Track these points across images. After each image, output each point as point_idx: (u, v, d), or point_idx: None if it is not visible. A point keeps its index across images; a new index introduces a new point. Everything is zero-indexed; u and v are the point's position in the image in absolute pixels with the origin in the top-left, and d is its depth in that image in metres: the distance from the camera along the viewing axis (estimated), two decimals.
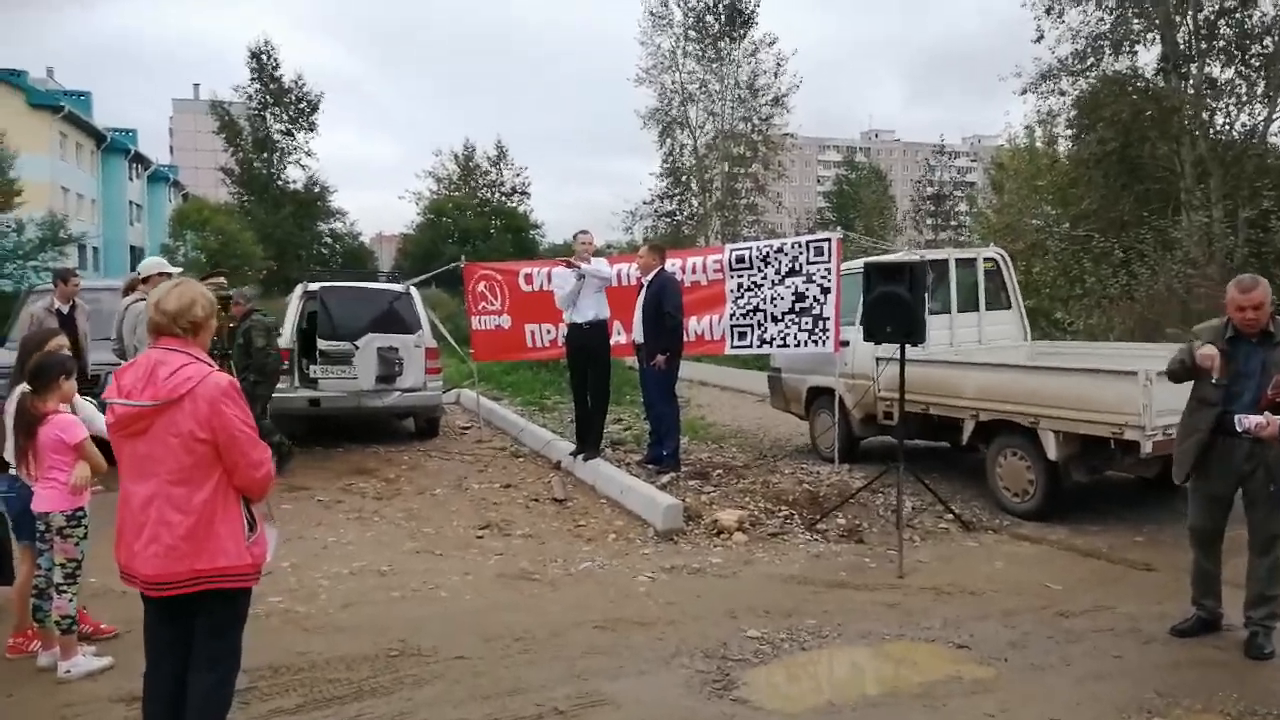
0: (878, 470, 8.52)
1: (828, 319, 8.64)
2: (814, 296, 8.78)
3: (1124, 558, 6.08)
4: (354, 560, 6.21)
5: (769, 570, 6.02)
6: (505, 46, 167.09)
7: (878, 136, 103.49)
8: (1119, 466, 6.71)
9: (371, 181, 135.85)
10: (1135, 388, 6.09)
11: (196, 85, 75.80)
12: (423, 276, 12.32)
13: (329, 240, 50.36)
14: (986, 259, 9.06)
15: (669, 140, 39.00)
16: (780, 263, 9.03)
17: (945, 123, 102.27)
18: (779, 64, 37.37)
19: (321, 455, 9.91)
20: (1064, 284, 20.12)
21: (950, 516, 7.02)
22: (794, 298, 8.90)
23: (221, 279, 9.02)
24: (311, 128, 46.02)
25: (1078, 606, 5.20)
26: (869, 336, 6.70)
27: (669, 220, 39.28)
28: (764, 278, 9.13)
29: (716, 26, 37.00)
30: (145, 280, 7.32)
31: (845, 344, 8.72)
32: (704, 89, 38.43)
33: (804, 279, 8.85)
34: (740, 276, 9.30)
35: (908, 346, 6.53)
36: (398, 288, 10.89)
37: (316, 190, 47.41)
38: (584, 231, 8.77)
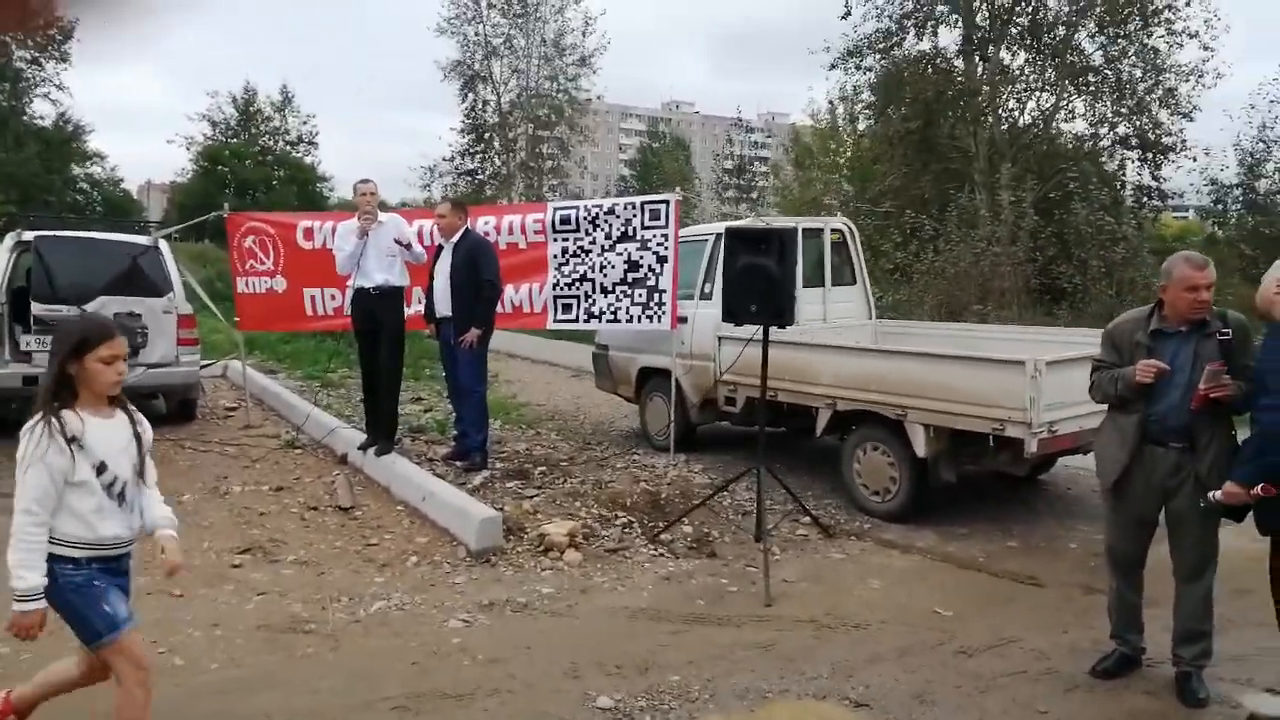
0: (717, 462, 7.68)
1: (664, 291, 7.58)
2: (649, 266, 7.69)
3: (1005, 569, 5.41)
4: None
5: (612, 601, 4.90)
6: None
7: (678, 108, 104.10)
8: (992, 464, 6.06)
9: (140, 126, 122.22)
10: (1021, 379, 5.40)
11: None
12: (174, 228, 10.28)
13: (85, 186, 44.79)
14: (833, 230, 8.29)
15: (471, 95, 37.00)
16: (611, 226, 7.86)
17: (744, 97, 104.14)
18: (587, 23, 36.10)
19: None
20: (869, 258, 20.29)
21: (808, 520, 6.16)
22: (626, 266, 7.77)
23: None
24: (64, 58, 40.43)
25: (977, 640, 4.42)
26: (729, 316, 5.67)
27: (470, 179, 37.32)
28: (593, 242, 7.94)
29: None
30: None
31: (683, 320, 7.73)
32: (509, 44, 36.63)
33: (638, 245, 7.73)
34: (565, 240, 8.05)
35: (758, 327, 5.59)
36: (143, 240, 8.89)
37: (69, 129, 41.90)
38: (365, 180, 7.14)
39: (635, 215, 7.75)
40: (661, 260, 7.61)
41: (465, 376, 7.04)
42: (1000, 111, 22.23)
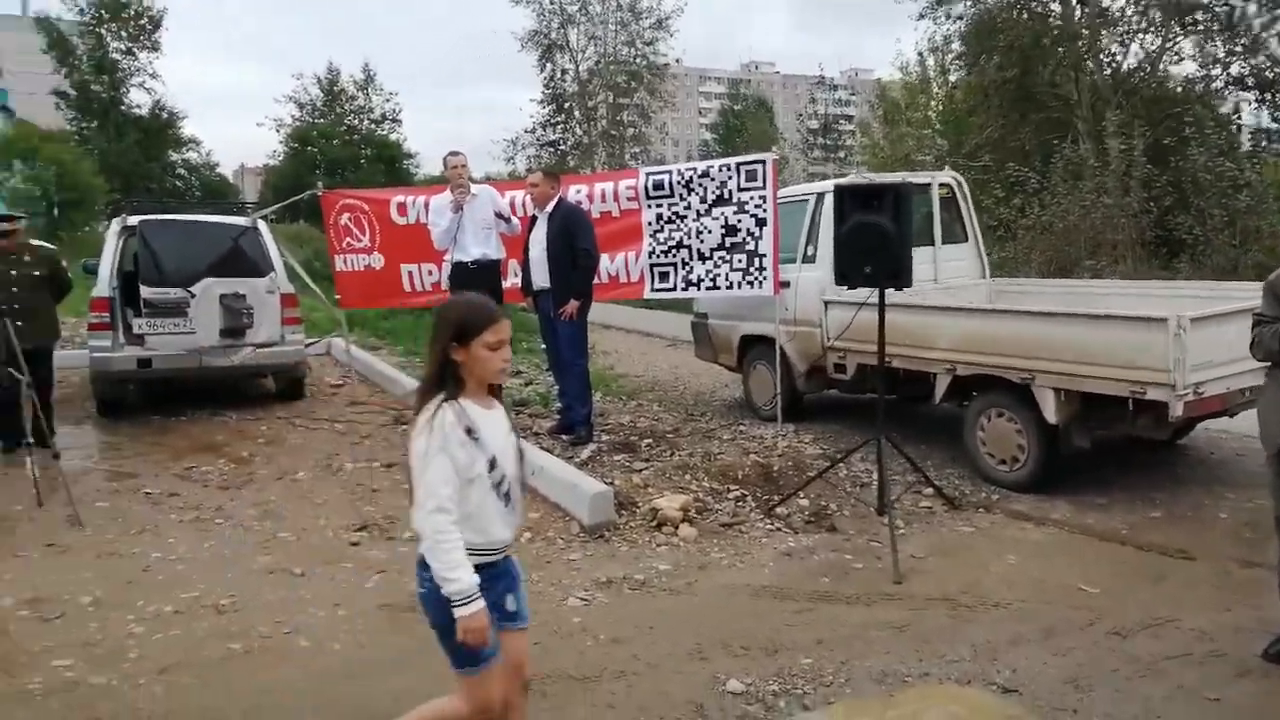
0: (827, 431, 7.44)
1: (765, 255, 7.35)
2: (748, 230, 7.45)
3: (1151, 542, 5.06)
4: (183, 588, 4.61)
5: (732, 579, 4.73)
6: None
7: (757, 68, 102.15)
8: (1130, 429, 5.66)
9: (232, 110, 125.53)
10: (1164, 338, 5.01)
11: None
12: (270, 208, 10.40)
13: (183, 172, 46.54)
14: (942, 184, 7.88)
15: (549, 65, 36.99)
16: (706, 189, 7.64)
17: (825, 55, 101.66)
18: None
19: (157, 429, 8.10)
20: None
21: (930, 491, 5.88)
22: (724, 231, 7.55)
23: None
24: (155, 47, 42.08)
25: (1130, 619, 4.11)
26: (841, 279, 5.41)
27: (552, 149, 37.39)
28: (688, 207, 7.73)
29: None
30: None
31: (785, 285, 7.47)
32: (584, 11, 36.45)
33: (735, 208, 7.50)
34: (659, 206, 7.86)
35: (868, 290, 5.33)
36: (242, 221, 9.01)
37: (164, 116, 43.56)
38: (454, 153, 7.11)
39: (731, 177, 7.52)
40: (760, 223, 7.36)
41: (566, 349, 6.93)
42: (1102, 56, 21.08)
